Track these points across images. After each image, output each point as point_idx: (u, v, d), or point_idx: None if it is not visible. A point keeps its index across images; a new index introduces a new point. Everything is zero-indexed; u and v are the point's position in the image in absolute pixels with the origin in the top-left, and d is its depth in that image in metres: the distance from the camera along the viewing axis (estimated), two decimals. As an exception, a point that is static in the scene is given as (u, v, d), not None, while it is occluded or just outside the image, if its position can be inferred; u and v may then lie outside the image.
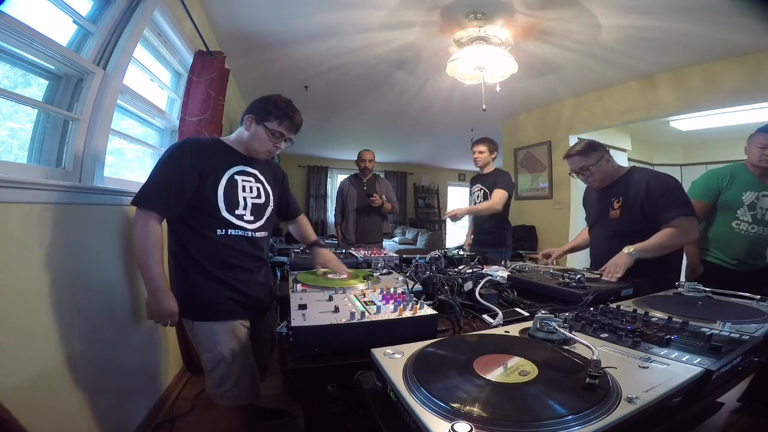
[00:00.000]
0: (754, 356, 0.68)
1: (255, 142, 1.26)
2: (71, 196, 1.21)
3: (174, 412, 1.70)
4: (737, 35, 2.31)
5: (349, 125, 5.16)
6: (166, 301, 1.11)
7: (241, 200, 1.24)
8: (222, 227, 1.20)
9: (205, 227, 1.18)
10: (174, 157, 1.15)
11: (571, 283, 1.22)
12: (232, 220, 1.21)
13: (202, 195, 1.17)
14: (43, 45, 1.13)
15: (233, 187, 1.23)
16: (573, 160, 1.61)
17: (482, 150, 2.67)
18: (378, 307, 0.86)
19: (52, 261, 1.10)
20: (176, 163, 1.14)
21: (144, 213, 1.10)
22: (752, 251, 1.86)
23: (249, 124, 1.25)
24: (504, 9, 2.18)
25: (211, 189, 1.18)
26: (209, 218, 1.19)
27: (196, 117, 2.02)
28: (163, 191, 1.12)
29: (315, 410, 0.81)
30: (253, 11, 2.30)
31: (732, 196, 1.87)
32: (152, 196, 1.11)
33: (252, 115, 1.24)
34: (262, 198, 1.31)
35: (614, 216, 1.56)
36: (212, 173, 1.18)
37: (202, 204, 1.17)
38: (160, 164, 1.16)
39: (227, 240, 1.21)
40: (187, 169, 1.14)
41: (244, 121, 1.26)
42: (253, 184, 1.29)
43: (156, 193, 1.12)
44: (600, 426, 0.43)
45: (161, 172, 1.14)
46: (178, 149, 1.18)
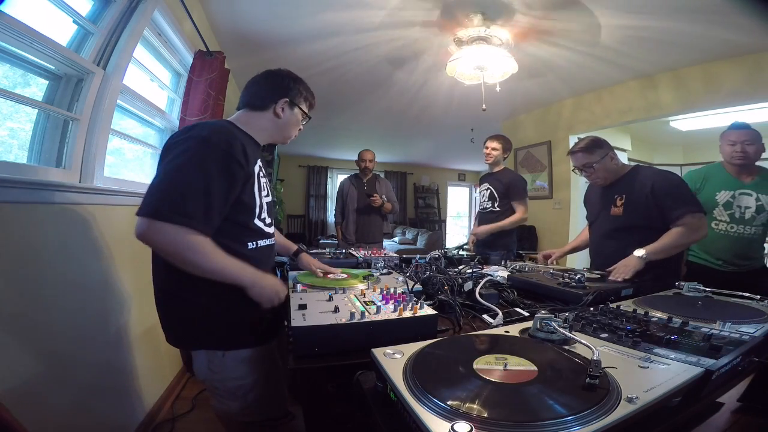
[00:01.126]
0: (754, 356, 0.68)
1: (292, 128, 1.12)
2: (71, 196, 1.21)
3: (174, 412, 1.70)
4: (737, 35, 2.31)
5: (349, 125, 5.16)
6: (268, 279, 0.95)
7: (263, 202, 1.06)
8: (253, 238, 1.02)
9: (235, 240, 0.96)
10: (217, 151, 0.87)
11: (571, 283, 1.22)
12: (262, 226, 1.05)
13: (242, 201, 0.95)
14: (43, 45, 1.13)
15: (259, 187, 1.04)
16: (577, 156, 1.60)
17: (496, 147, 2.59)
18: (378, 307, 0.86)
19: (52, 261, 1.11)
20: (222, 159, 0.87)
21: (178, 230, 0.81)
22: (737, 251, 1.83)
23: (282, 110, 1.07)
24: (504, 9, 2.18)
25: (250, 193, 0.97)
26: (241, 229, 0.99)
27: (196, 117, 2.02)
28: (207, 201, 0.84)
29: (315, 410, 0.81)
30: (253, 11, 2.30)
31: (705, 197, 1.86)
32: (189, 207, 0.82)
33: (287, 98, 1.07)
34: (270, 195, 1.14)
35: (616, 212, 1.56)
36: (252, 173, 0.99)
37: (238, 212, 0.95)
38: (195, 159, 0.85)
39: (257, 254, 1.02)
40: (236, 169, 0.90)
41: (271, 106, 1.06)
42: (263, 180, 1.10)
43: (196, 203, 0.82)
44: (600, 426, 0.43)
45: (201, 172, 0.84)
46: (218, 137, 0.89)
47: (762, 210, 1.79)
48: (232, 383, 1.02)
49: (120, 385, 1.44)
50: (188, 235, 0.82)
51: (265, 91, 1.08)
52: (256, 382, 1.03)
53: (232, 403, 1.05)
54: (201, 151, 0.86)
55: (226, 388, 1.04)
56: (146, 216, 0.80)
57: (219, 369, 1.00)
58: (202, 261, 0.85)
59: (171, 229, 0.81)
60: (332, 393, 0.76)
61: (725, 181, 1.88)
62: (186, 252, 0.84)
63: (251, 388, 1.03)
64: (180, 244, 0.83)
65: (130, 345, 1.53)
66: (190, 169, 0.84)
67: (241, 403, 1.04)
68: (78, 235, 1.24)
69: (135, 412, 1.52)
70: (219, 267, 0.87)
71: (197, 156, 0.85)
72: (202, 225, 0.84)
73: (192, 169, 0.84)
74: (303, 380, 0.78)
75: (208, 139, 0.88)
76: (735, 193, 1.83)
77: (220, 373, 1.00)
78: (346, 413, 0.76)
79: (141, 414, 1.54)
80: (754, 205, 1.79)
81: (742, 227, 1.81)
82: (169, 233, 0.81)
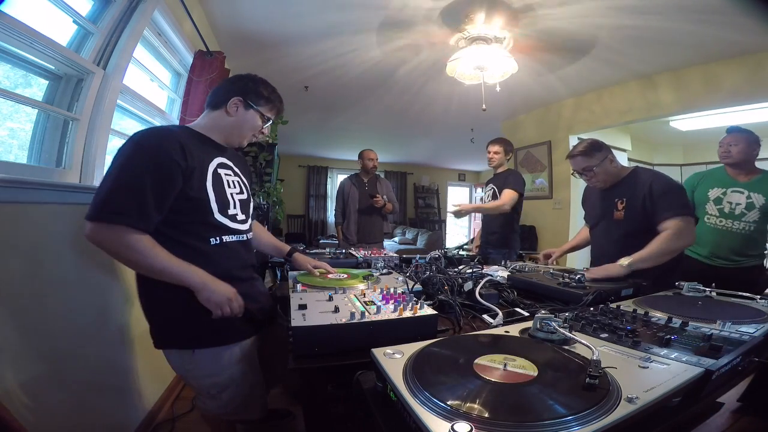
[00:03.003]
0: (754, 356, 0.68)
1: (244, 128, 1.10)
2: (71, 196, 1.21)
3: (174, 412, 1.70)
4: (737, 35, 2.31)
5: (349, 125, 5.17)
6: (219, 285, 0.95)
7: (230, 198, 1.06)
8: (216, 234, 1.02)
9: (194, 237, 0.98)
10: (145, 152, 0.90)
11: (571, 283, 1.22)
12: (227, 222, 1.04)
13: (189, 196, 0.95)
14: (43, 45, 1.13)
15: (219, 183, 1.04)
16: (576, 160, 1.58)
17: (497, 150, 2.60)
18: (378, 307, 0.86)
19: (51, 261, 1.11)
20: (151, 159, 0.89)
21: (114, 230, 0.85)
22: (727, 245, 1.90)
23: (235, 108, 1.07)
24: (504, 9, 2.18)
25: (199, 188, 0.97)
26: (199, 225, 0.99)
27: (196, 117, 2.00)
28: (138, 198, 0.86)
29: (315, 410, 0.81)
30: (253, 11, 2.30)
31: (700, 194, 2.03)
32: (122, 206, 0.85)
33: (239, 97, 1.07)
34: (244, 193, 1.14)
35: (618, 217, 1.55)
36: (198, 168, 0.98)
37: (189, 209, 0.96)
38: (126, 161, 0.88)
39: (222, 250, 1.03)
40: (169, 165, 0.91)
41: (224, 104, 1.07)
42: (233, 178, 1.11)
43: (128, 201, 0.85)
44: (600, 426, 0.43)
45: (130, 173, 0.88)
46: (150, 140, 0.92)
47: (752, 207, 1.86)
48: (205, 381, 1.04)
49: (120, 385, 1.43)
50: (125, 233, 0.86)
51: (222, 91, 1.10)
52: (230, 381, 1.04)
53: (208, 402, 1.09)
54: (131, 154, 0.90)
55: (199, 386, 1.07)
56: (87, 219, 0.86)
57: (191, 367, 1.02)
58: (142, 259, 0.88)
59: (107, 229, 0.86)
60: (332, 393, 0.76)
61: (720, 179, 2.00)
62: (125, 251, 0.87)
63: (224, 387, 1.04)
64: (118, 243, 0.87)
65: (130, 345, 1.53)
66: (122, 171, 0.88)
67: (216, 402, 1.07)
68: (78, 235, 1.23)
69: (135, 412, 1.52)
70: (161, 266, 0.90)
71: (128, 159, 0.89)
72: (136, 221, 0.86)
73: (123, 171, 0.88)
74: (303, 380, 0.78)
75: (138, 141, 0.92)
76: (726, 190, 1.94)
77: (193, 371, 1.03)
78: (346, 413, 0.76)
79: (141, 414, 1.54)
80: (744, 202, 1.87)
81: (730, 222, 1.89)
82: (106, 233, 0.86)
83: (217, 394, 1.06)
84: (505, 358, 0.60)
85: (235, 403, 1.07)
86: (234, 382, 1.05)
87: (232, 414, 1.10)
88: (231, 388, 1.05)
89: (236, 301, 0.98)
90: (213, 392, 1.06)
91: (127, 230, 0.86)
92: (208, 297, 0.94)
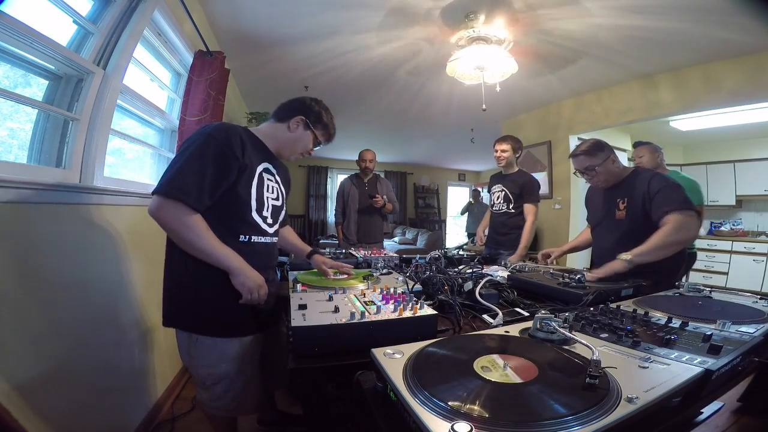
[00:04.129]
0: (754, 356, 0.68)
1: (298, 145, 1.20)
2: (71, 196, 1.21)
3: (174, 412, 1.70)
4: (737, 35, 2.31)
5: (349, 125, 5.16)
6: (253, 272, 1.02)
7: (266, 201, 1.14)
8: (246, 231, 1.08)
9: (228, 231, 1.04)
10: (214, 142, 0.99)
11: (571, 283, 1.22)
12: (259, 222, 1.11)
13: (236, 191, 1.03)
14: (43, 45, 1.13)
15: (261, 185, 1.12)
16: (578, 159, 1.59)
17: (505, 149, 2.55)
18: (378, 307, 0.86)
19: (51, 261, 1.11)
20: (217, 149, 0.99)
21: (173, 205, 0.93)
22: None
23: (296, 126, 1.18)
24: (504, 9, 2.18)
25: (246, 185, 1.06)
26: (235, 220, 1.06)
27: (196, 117, 2.02)
28: (199, 181, 0.95)
29: (315, 410, 0.81)
30: (253, 11, 2.30)
31: None
32: (186, 185, 0.94)
33: (303, 117, 1.17)
34: (279, 200, 1.22)
35: (620, 216, 1.55)
36: (249, 167, 1.06)
37: (231, 202, 1.04)
38: (195, 148, 0.98)
39: (247, 248, 1.08)
40: (230, 158, 1.00)
41: (287, 119, 1.18)
42: (273, 184, 1.19)
43: (191, 182, 0.95)
44: (600, 426, 0.43)
45: (197, 158, 0.97)
46: (218, 132, 1.01)
47: None
48: (203, 371, 1.09)
49: (120, 385, 1.43)
50: (184, 213, 0.95)
51: (290, 108, 1.20)
52: (224, 374, 1.08)
53: (202, 393, 1.13)
54: (201, 143, 0.99)
55: (197, 375, 1.11)
56: (153, 193, 0.96)
57: (194, 353, 1.08)
58: (196, 240, 0.97)
59: (170, 206, 0.94)
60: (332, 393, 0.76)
61: None
62: (182, 229, 0.96)
63: (218, 380, 1.08)
64: (177, 222, 0.95)
65: (130, 345, 1.53)
66: (190, 157, 0.98)
67: (208, 393, 1.11)
68: (78, 235, 1.24)
69: (135, 411, 1.52)
70: (209, 248, 0.98)
71: (198, 147, 0.99)
72: (193, 201, 0.95)
73: (192, 156, 0.98)
74: (303, 380, 0.78)
75: (209, 133, 1.01)
76: None
77: (195, 359, 1.08)
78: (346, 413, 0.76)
79: (141, 414, 1.54)
80: None
81: None
82: (168, 210, 0.95)
83: (210, 386, 1.10)
84: (505, 358, 0.60)
85: (228, 397, 1.10)
86: (228, 376, 1.08)
87: (223, 409, 1.13)
88: (224, 382, 1.08)
89: (264, 288, 1.05)
90: (207, 383, 1.10)
91: (185, 208, 0.95)
92: (243, 281, 1.01)
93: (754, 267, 4.28)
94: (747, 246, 4.41)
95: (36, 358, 1.02)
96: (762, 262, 4.22)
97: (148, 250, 1.63)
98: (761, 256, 4.24)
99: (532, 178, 2.58)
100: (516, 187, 2.51)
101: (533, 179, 2.57)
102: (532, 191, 2.50)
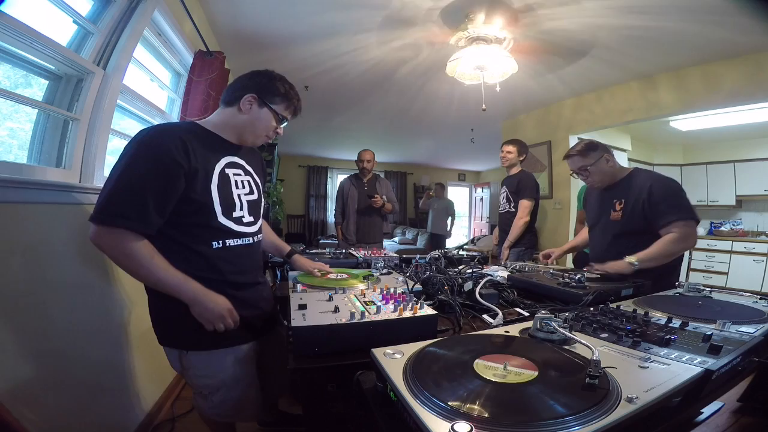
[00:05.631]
0: (754, 356, 0.68)
1: (257, 126, 1.05)
2: (71, 196, 1.21)
3: (174, 412, 1.70)
4: (737, 35, 2.30)
5: (349, 125, 5.17)
6: (212, 301, 0.92)
7: (237, 199, 1.02)
8: (219, 237, 0.99)
9: (196, 240, 0.96)
10: (147, 153, 0.87)
11: (571, 283, 1.22)
12: (231, 225, 1.00)
13: (191, 199, 0.92)
14: (43, 45, 1.13)
15: (226, 184, 1.00)
16: (572, 160, 1.61)
17: (511, 150, 2.71)
18: (378, 307, 0.86)
19: (51, 261, 1.11)
20: (152, 161, 0.86)
21: (112, 233, 0.84)
22: None
23: (248, 106, 1.02)
24: (504, 9, 2.18)
25: (203, 190, 0.94)
26: (201, 229, 0.96)
27: (196, 117, 2.01)
28: (138, 201, 0.84)
29: (315, 410, 0.81)
30: (253, 11, 2.30)
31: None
32: (123, 209, 0.83)
33: (254, 94, 1.02)
34: (254, 193, 1.10)
35: (615, 218, 1.55)
36: (201, 169, 0.94)
37: (191, 211, 0.93)
38: (127, 162, 0.86)
39: (225, 254, 1.00)
40: (171, 165, 0.87)
41: (238, 101, 1.02)
42: (243, 178, 1.06)
43: (128, 204, 0.84)
44: (600, 426, 0.43)
45: (131, 174, 0.85)
46: (152, 139, 0.89)
47: None
48: (198, 381, 1.05)
49: (120, 385, 1.43)
50: (125, 238, 0.85)
51: (237, 87, 1.05)
52: (221, 384, 1.04)
53: (200, 401, 1.11)
54: (134, 154, 0.88)
55: (194, 385, 1.08)
56: (90, 220, 0.85)
57: (187, 365, 1.03)
58: (140, 269, 0.88)
59: (108, 233, 0.85)
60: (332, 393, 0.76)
61: None
62: (124, 259, 0.87)
63: (216, 389, 1.05)
64: (118, 250, 0.86)
65: (129, 345, 1.53)
66: (123, 172, 0.86)
67: (207, 402, 1.09)
68: (78, 235, 1.24)
69: (135, 412, 1.52)
70: (155, 278, 0.89)
71: (130, 159, 0.87)
72: (136, 224, 0.85)
73: (125, 172, 0.86)
74: (303, 380, 0.78)
75: (141, 141, 0.89)
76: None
77: (189, 370, 1.04)
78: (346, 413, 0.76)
79: (141, 414, 1.54)
80: None
81: None
82: (107, 237, 0.85)
83: (208, 395, 1.07)
84: (505, 358, 0.60)
85: (226, 405, 1.07)
86: (225, 385, 1.05)
87: (223, 416, 1.11)
88: (222, 391, 1.05)
89: (230, 317, 0.96)
90: (205, 392, 1.08)
91: (127, 234, 0.85)
92: (200, 312, 0.93)
93: (754, 267, 4.28)
94: (747, 246, 4.40)
95: (36, 358, 1.02)
96: (762, 262, 4.22)
97: (148, 250, 1.63)
98: (761, 256, 4.24)
99: (529, 175, 2.72)
100: (514, 185, 2.66)
101: (529, 176, 2.71)
102: (526, 187, 2.62)
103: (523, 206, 2.59)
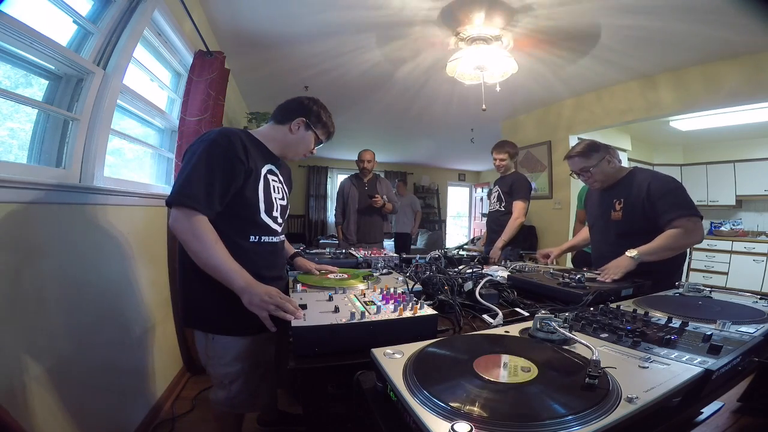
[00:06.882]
0: (754, 356, 0.68)
1: (301, 146, 1.22)
2: (71, 196, 1.21)
3: (174, 412, 1.70)
4: (737, 35, 2.31)
5: (349, 125, 5.16)
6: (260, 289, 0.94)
7: (274, 201, 1.16)
8: (256, 233, 1.11)
9: (238, 232, 1.07)
10: (219, 148, 1.02)
11: (571, 283, 1.22)
12: (269, 223, 1.14)
13: (244, 194, 1.06)
14: (43, 45, 1.13)
15: (268, 186, 1.15)
16: (573, 161, 1.60)
17: (503, 157, 2.74)
18: (378, 307, 0.86)
19: (51, 261, 1.10)
20: (222, 156, 1.01)
21: (186, 213, 0.96)
22: None
23: (297, 128, 1.19)
24: (504, 9, 2.18)
25: (253, 188, 1.09)
26: (244, 222, 1.09)
27: (196, 117, 2.02)
28: (208, 188, 0.98)
29: (315, 410, 0.81)
30: (253, 11, 2.30)
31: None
32: (196, 194, 0.96)
33: (304, 118, 1.18)
34: (284, 200, 1.25)
35: (616, 217, 1.55)
36: (255, 170, 1.09)
37: (240, 205, 1.06)
38: (200, 155, 1.00)
39: (258, 248, 1.11)
40: (236, 162, 1.03)
41: (288, 122, 1.18)
42: (278, 185, 1.21)
43: (201, 190, 0.97)
44: (600, 426, 0.43)
45: (204, 165, 0.99)
46: (222, 139, 1.03)
47: None
48: (220, 370, 1.12)
49: (120, 385, 1.43)
50: (197, 222, 0.96)
51: (290, 110, 1.21)
52: (240, 372, 1.11)
53: (219, 392, 1.16)
54: (206, 150, 1.01)
55: (215, 375, 1.14)
56: (166, 203, 0.99)
57: (212, 353, 1.11)
58: (203, 252, 0.96)
59: (180, 215, 0.96)
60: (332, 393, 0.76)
61: None
62: (193, 240, 0.96)
63: (235, 378, 1.12)
64: (190, 232, 0.96)
65: (130, 345, 1.53)
66: (197, 164, 0.99)
67: (226, 392, 1.14)
68: (78, 235, 1.24)
69: (135, 412, 1.52)
70: (214, 263, 0.97)
71: (203, 154, 1.01)
72: (203, 206, 0.97)
73: (198, 164, 0.99)
74: (303, 380, 0.78)
75: (212, 139, 1.03)
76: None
77: (212, 358, 1.12)
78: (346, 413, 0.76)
79: (141, 414, 1.54)
80: None
81: None
82: (179, 218, 0.96)
83: (228, 385, 1.13)
84: (505, 358, 0.60)
85: (243, 395, 1.14)
86: (243, 373, 1.12)
87: (238, 406, 1.17)
88: (240, 380, 1.12)
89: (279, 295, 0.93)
90: (225, 382, 1.13)
91: (195, 214, 0.96)
92: (249, 299, 0.94)
93: (754, 267, 4.28)
94: (747, 246, 4.41)
95: (36, 358, 1.02)
96: (762, 262, 4.22)
97: (148, 249, 1.63)
98: (761, 256, 4.24)
99: (522, 176, 2.75)
100: (507, 186, 2.68)
101: (522, 177, 2.73)
102: (520, 188, 2.65)
103: (518, 207, 2.62)
